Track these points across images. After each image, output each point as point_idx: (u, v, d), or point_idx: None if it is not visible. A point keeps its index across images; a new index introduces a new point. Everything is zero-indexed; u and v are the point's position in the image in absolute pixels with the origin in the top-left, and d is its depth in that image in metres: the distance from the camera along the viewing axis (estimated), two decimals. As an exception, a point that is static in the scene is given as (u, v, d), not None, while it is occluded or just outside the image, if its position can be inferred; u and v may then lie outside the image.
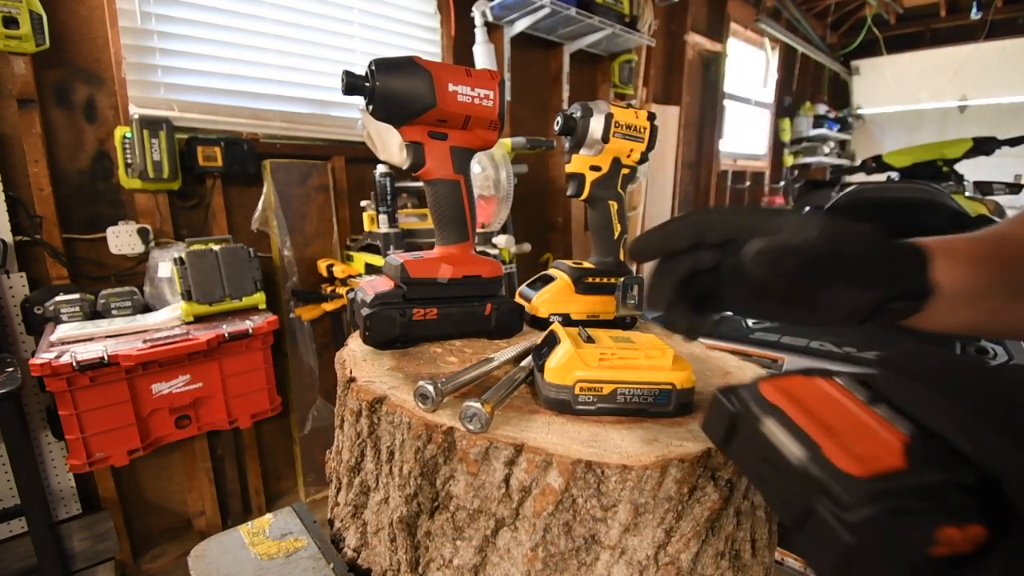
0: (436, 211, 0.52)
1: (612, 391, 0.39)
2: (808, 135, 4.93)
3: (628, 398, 0.40)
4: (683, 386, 0.40)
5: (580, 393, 0.39)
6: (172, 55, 1.61)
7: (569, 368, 0.39)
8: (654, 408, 0.40)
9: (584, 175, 0.58)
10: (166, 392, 1.37)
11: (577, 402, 0.39)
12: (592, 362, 0.40)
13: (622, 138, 0.57)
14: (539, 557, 0.34)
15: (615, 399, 0.40)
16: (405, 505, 0.37)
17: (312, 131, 1.91)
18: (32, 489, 1.22)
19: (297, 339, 1.93)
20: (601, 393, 0.39)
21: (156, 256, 1.54)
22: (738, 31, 3.99)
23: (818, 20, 5.07)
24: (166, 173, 1.52)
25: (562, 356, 0.40)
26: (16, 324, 1.41)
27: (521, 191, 1.82)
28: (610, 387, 0.39)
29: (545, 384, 0.40)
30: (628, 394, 0.40)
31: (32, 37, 1.29)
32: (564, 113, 0.57)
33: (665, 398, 0.40)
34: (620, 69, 2.84)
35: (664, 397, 0.40)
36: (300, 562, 0.43)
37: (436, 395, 0.37)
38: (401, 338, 0.50)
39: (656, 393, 0.40)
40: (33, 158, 1.39)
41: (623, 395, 0.40)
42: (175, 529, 1.75)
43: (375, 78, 0.45)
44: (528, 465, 0.34)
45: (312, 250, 1.93)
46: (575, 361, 0.40)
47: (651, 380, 0.40)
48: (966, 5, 4.67)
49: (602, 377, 0.39)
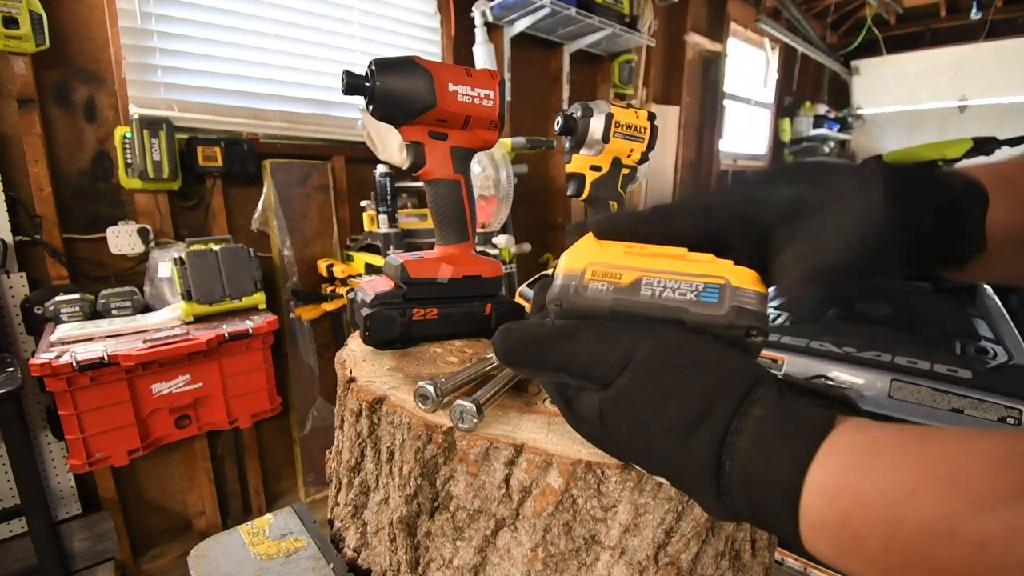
0: (436, 211, 0.52)
1: (635, 281, 0.28)
2: (808, 135, 4.93)
3: (657, 292, 0.28)
4: (743, 285, 0.27)
5: (591, 280, 0.29)
6: (172, 55, 1.61)
7: (582, 253, 0.30)
8: (697, 309, 0.27)
9: (584, 175, 0.58)
10: (166, 392, 1.37)
11: (585, 291, 0.29)
12: (613, 251, 0.30)
13: (622, 138, 0.57)
14: (539, 557, 0.34)
15: (638, 292, 0.28)
16: (405, 505, 0.37)
17: (312, 131, 1.91)
18: (32, 489, 1.22)
19: (297, 339, 1.93)
20: (619, 282, 0.28)
21: (156, 256, 1.54)
22: (738, 31, 3.99)
23: (818, 20, 5.07)
24: (166, 173, 1.52)
25: (577, 244, 0.31)
26: (16, 324, 1.41)
27: (521, 191, 1.82)
28: (632, 275, 0.28)
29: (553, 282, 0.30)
30: (657, 287, 0.28)
31: (32, 37, 1.29)
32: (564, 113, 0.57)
33: (715, 295, 0.27)
34: (620, 69, 2.85)
35: (712, 293, 0.27)
36: (300, 562, 0.43)
37: (436, 395, 0.37)
38: (401, 338, 0.50)
39: (700, 289, 0.27)
40: (33, 158, 1.39)
41: (650, 287, 0.28)
42: (175, 529, 1.75)
43: (375, 78, 0.45)
44: (528, 465, 0.34)
45: (312, 250, 1.94)
46: (591, 247, 0.30)
47: (692, 271, 0.28)
48: (966, 5, 4.67)
49: (624, 263, 0.29)
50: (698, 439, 0.23)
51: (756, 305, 0.27)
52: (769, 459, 0.22)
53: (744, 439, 0.22)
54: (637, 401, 0.25)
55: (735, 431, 0.22)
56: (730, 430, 0.23)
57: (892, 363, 1.00)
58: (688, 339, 0.26)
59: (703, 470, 0.23)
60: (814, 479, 0.20)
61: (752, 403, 0.23)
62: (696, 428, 0.23)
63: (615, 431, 0.26)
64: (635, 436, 0.26)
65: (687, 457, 0.24)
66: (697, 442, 0.23)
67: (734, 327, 0.26)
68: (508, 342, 0.29)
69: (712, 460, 0.23)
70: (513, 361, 0.30)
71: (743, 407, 0.23)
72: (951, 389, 0.91)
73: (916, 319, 1.22)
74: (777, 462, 0.21)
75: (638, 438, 0.25)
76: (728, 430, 0.23)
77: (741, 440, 0.22)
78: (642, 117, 0.58)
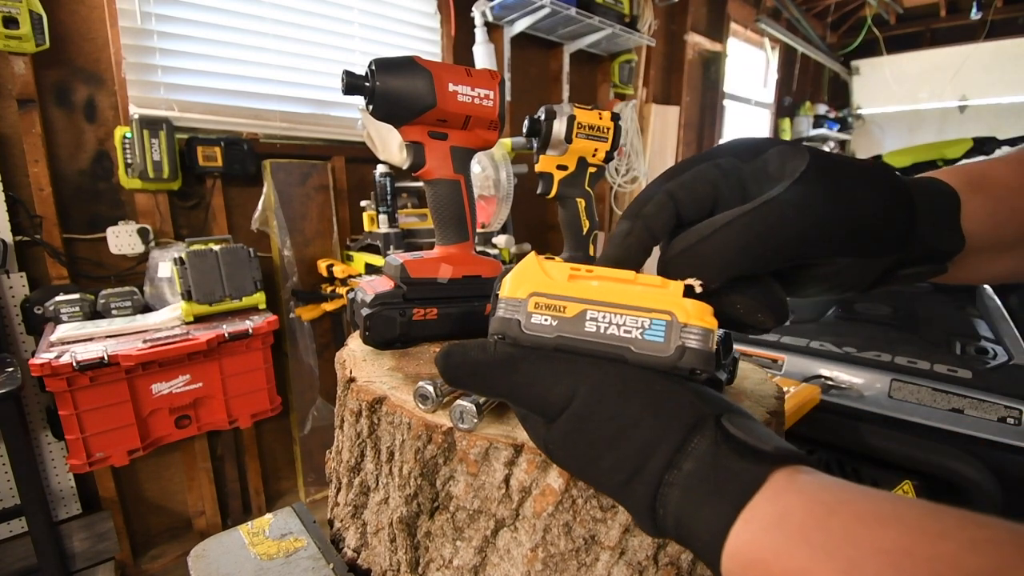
0: (436, 211, 0.52)
1: (580, 313, 0.27)
2: (808, 135, 4.93)
3: (601, 327, 0.27)
4: (690, 321, 0.26)
5: (534, 311, 0.27)
6: (172, 55, 1.61)
7: (525, 278, 0.28)
8: (641, 349, 0.26)
9: (552, 174, 0.61)
10: (166, 392, 1.37)
11: (529, 324, 0.27)
12: (558, 275, 0.28)
13: (585, 138, 0.59)
14: (539, 557, 0.34)
15: (582, 326, 0.27)
16: (405, 505, 0.37)
17: (312, 131, 1.91)
18: (32, 489, 1.22)
19: (297, 339, 1.93)
20: (563, 315, 0.27)
21: (156, 256, 1.54)
22: (738, 31, 3.99)
23: (818, 20, 5.07)
24: (166, 173, 1.52)
25: (521, 266, 0.29)
26: (16, 324, 1.41)
27: (521, 191, 1.82)
28: (577, 308, 0.27)
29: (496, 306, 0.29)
30: (602, 321, 0.27)
31: (32, 37, 1.29)
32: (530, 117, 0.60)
33: (660, 333, 0.26)
34: (620, 69, 2.84)
35: (658, 331, 0.26)
36: (300, 562, 0.43)
37: (436, 395, 0.37)
38: (401, 338, 0.50)
39: (646, 325, 0.26)
40: (33, 158, 1.39)
41: (595, 322, 0.27)
42: (175, 529, 1.75)
43: (375, 78, 0.45)
44: (528, 465, 0.34)
45: (312, 250, 1.94)
46: (534, 272, 0.28)
47: (640, 304, 0.27)
48: (966, 5, 4.67)
49: (568, 293, 0.28)
50: (634, 488, 0.24)
51: (702, 343, 0.26)
52: (695, 516, 0.22)
53: (675, 492, 0.23)
54: (577, 444, 0.26)
55: (667, 483, 0.23)
56: (663, 482, 0.23)
57: (892, 363, 1.00)
58: (630, 376, 0.26)
59: (641, 513, 0.24)
60: (731, 546, 0.21)
61: (686, 455, 0.23)
62: (632, 479, 0.24)
63: (560, 462, 0.28)
64: (580, 472, 0.27)
65: (626, 499, 0.25)
66: (633, 491, 0.24)
67: (678, 369, 0.26)
68: (448, 366, 0.29)
69: (647, 507, 0.24)
70: (453, 382, 0.30)
71: (676, 459, 0.23)
72: (951, 389, 0.91)
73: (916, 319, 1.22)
74: (702, 521, 0.22)
75: (582, 473, 0.27)
76: (661, 482, 0.23)
77: (672, 493, 0.23)
78: (605, 118, 0.60)
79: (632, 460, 0.24)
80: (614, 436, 0.25)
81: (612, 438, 0.25)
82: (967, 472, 0.83)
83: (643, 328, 0.26)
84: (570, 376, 0.26)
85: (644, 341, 0.26)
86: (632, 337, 0.27)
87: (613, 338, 0.27)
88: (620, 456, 0.24)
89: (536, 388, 0.27)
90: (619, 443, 0.25)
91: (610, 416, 0.25)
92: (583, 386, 0.26)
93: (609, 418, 0.25)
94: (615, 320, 0.27)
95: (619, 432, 0.25)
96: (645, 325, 0.26)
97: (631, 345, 0.26)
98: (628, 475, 0.24)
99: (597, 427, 0.25)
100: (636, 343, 0.26)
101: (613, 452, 0.25)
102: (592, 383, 0.26)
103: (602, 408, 0.25)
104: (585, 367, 0.27)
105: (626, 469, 0.24)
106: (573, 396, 0.26)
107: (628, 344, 0.27)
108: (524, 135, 0.60)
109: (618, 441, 0.25)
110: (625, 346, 0.27)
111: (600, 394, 0.26)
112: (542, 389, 0.27)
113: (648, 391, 0.25)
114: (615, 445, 0.25)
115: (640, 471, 0.24)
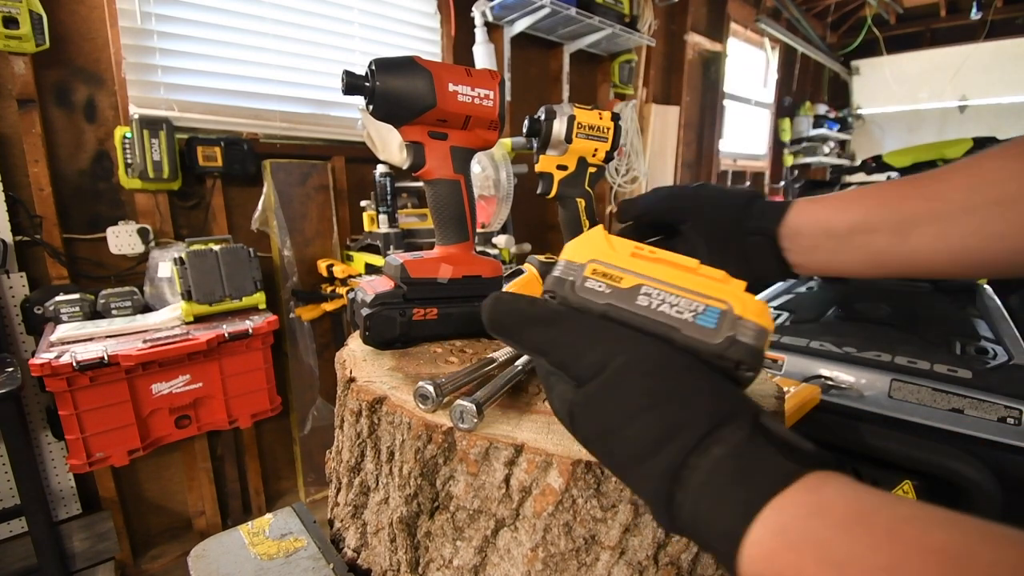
0: (436, 211, 0.52)
1: (635, 287, 0.28)
2: (808, 135, 4.93)
3: (654, 303, 0.27)
4: (747, 316, 0.26)
5: (591, 276, 0.29)
6: (172, 55, 1.61)
7: (589, 245, 0.30)
8: (690, 332, 0.26)
9: (552, 174, 0.61)
10: (166, 392, 1.37)
11: (582, 287, 0.29)
12: (621, 250, 0.29)
13: (585, 138, 0.59)
14: (539, 557, 0.34)
15: (634, 299, 0.27)
16: (405, 505, 0.37)
17: (312, 131, 1.91)
18: (32, 489, 1.22)
19: (297, 339, 1.93)
20: (618, 285, 0.28)
21: (156, 256, 1.54)
22: (738, 31, 3.99)
23: (818, 20, 5.07)
24: (166, 173, 1.52)
25: (586, 235, 0.31)
26: (16, 324, 1.41)
27: (521, 191, 1.82)
28: (633, 280, 0.28)
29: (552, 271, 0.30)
30: (656, 298, 0.27)
31: (32, 37, 1.29)
32: (530, 117, 0.60)
33: (713, 319, 0.26)
34: (620, 69, 2.84)
35: (711, 317, 0.26)
36: (300, 562, 0.43)
37: (436, 395, 0.37)
38: (401, 338, 0.50)
39: (699, 310, 0.26)
40: (33, 158, 1.39)
41: (648, 297, 0.27)
42: (175, 529, 1.75)
43: (375, 78, 0.45)
44: (528, 465, 0.34)
45: (312, 250, 1.94)
46: (599, 241, 0.30)
47: (697, 290, 0.27)
48: (966, 5, 4.67)
49: (627, 267, 0.28)
50: (653, 465, 0.23)
51: (754, 339, 0.25)
52: (717, 501, 0.21)
53: (697, 475, 0.22)
54: (604, 411, 0.26)
55: (690, 466, 0.22)
56: (686, 464, 0.22)
57: (892, 363, 1.00)
58: (671, 358, 0.26)
59: (656, 494, 0.23)
60: (756, 534, 0.20)
61: (716, 440, 0.22)
62: (654, 455, 0.23)
63: (581, 429, 0.27)
64: (598, 441, 0.26)
65: (643, 478, 0.24)
66: (652, 468, 0.23)
67: (724, 359, 0.26)
68: (494, 311, 0.30)
69: (664, 488, 0.23)
70: (495, 329, 0.30)
71: (704, 443, 0.22)
72: (951, 389, 0.91)
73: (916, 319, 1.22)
74: (725, 507, 0.21)
75: (601, 443, 0.26)
76: (683, 464, 0.22)
77: (694, 476, 0.22)
78: (605, 118, 0.60)
79: (656, 435, 0.23)
80: (643, 408, 0.24)
81: (641, 410, 0.24)
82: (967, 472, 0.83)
83: (696, 312, 0.26)
84: (611, 342, 0.27)
85: (695, 324, 0.26)
86: (683, 319, 0.26)
87: (663, 315, 0.27)
88: (645, 428, 0.24)
89: (574, 347, 0.27)
90: (647, 416, 0.24)
91: (645, 389, 0.25)
92: (622, 355, 0.26)
93: (643, 391, 0.25)
94: (668, 299, 0.27)
95: (650, 405, 0.24)
96: (698, 309, 0.26)
97: (680, 326, 0.26)
98: (649, 450, 0.23)
99: (628, 396, 0.25)
100: (686, 325, 0.26)
101: (638, 424, 0.24)
102: (632, 353, 0.26)
103: (638, 380, 0.25)
104: (627, 337, 0.27)
105: (647, 443, 0.24)
106: (609, 362, 0.26)
107: (677, 325, 0.26)
108: (524, 135, 0.60)
109: (646, 414, 0.24)
110: (674, 326, 0.26)
111: (639, 365, 0.25)
112: (580, 349, 0.27)
113: (689, 373, 0.25)
114: (642, 417, 0.24)
115: (663, 447, 0.23)
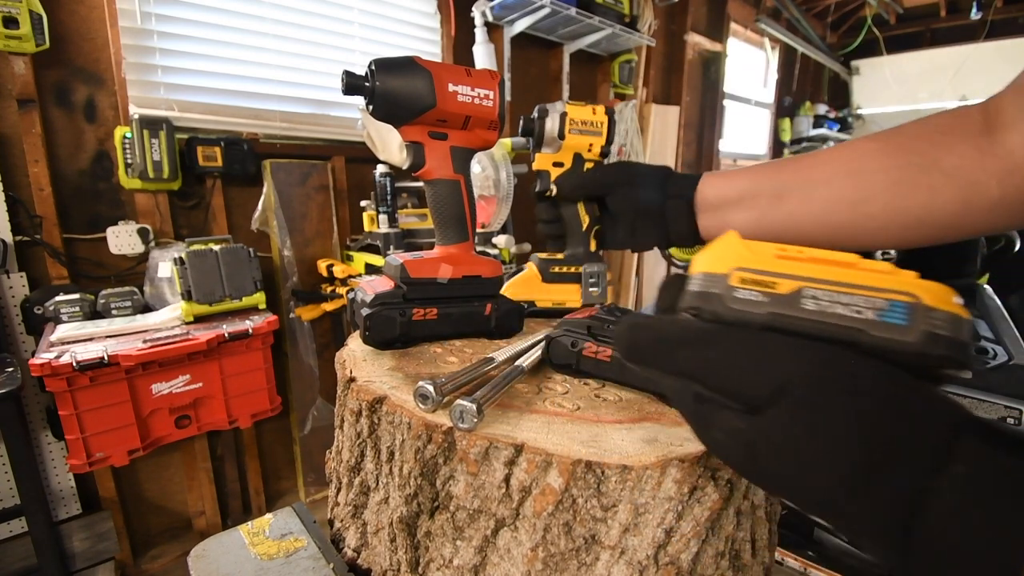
0: (436, 211, 0.52)
1: (796, 290, 0.24)
2: (808, 135, 4.93)
3: (825, 306, 0.23)
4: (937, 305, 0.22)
5: (739, 286, 0.25)
6: (172, 55, 1.61)
7: (726, 253, 0.26)
8: (879, 332, 0.22)
9: (548, 172, 0.61)
10: (166, 392, 1.37)
11: (733, 298, 0.24)
12: (763, 253, 0.25)
13: (579, 133, 0.60)
14: (539, 557, 0.34)
15: (799, 304, 0.23)
16: (405, 505, 0.37)
17: (312, 131, 1.91)
18: (32, 489, 1.22)
19: (297, 339, 1.93)
20: (774, 290, 0.24)
21: (156, 256, 1.54)
22: (738, 31, 3.99)
23: (818, 20, 5.07)
24: (166, 173, 1.52)
25: (719, 242, 0.27)
26: (16, 324, 1.41)
27: (521, 191, 1.82)
28: (792, 284, 0.24)
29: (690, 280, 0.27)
30: (824, 300, 0.23)
31: (32, 37, 1.29)
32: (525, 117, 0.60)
33: (902, 315, 0.22)
34: (620, 69, 2.84)
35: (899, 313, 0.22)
36: (300, 562, 0.43)
37: (436, 395, 0.37)
38: (401, 338, 0.50)
39: (882, 306, 0.22)
40: (33, 158, 1.39)
41: (815, 300, 0.23)
42: (175, 529, 1.75)
43: (375, 78, 0.45)
44: (528, 465, 0.34)
45: (312, 250, 1.94)
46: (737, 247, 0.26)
47: (869, 283, 0.23)
48: (966, 5, 4.67)
49: (777, 269, 0.24)
50: (879, 494, 0.19)
51: (953, 331, 0.21)
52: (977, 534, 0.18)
53: (941, 503, 0.18)
54: (799, 440, 0.21)
55: (929, 491, 0.18)
56: (922, 489, 0.19)
57: (892, 363, 1.00)
58: (860, 366, 0.21)
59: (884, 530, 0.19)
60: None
61: (954, 457, 0.19)
62: (877, 483, 0.19)
63: (763, 463, 0.23)
64: (791, 475, 0.22)
65: (863, 512, 0.20)
66: (876, 499, 0.19)
67: (926, 357, 0.22)
68: (634, 338, 0.26)
69: (897, 520, 0.19)
70: (636, 359, 0.27)
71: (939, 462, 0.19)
72: (951, 389, 0.91)
73: (916, 319, 1.21)
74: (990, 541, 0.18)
75: (795, 479, 0.22)
76: (920, 489, 0.19)
77: (938, 504, 0.18)
78: (599, 112, 0.60)
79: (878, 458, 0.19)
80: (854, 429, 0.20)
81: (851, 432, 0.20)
82: (967, 472, 0.83)
83: (879, 309, 0.22)
84: (788, 357, 0.22)
85: (883, 323, 0.22)
86: (865, 318, 0.22)
87: (840, 318, 0.23)
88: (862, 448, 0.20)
89: (739, 367, 0.23)
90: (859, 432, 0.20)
91: (850, 406, 0.20)
92: (803, 369, 0.22)
93: (848, 408, 0.20)
94: (840, 299, 0.23)
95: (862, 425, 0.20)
96: (881, 306, 0.22)
97: (866, 327, 0.22)
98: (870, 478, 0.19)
99: (832, 417, 0.20)
100: (872, 325, 0.22)
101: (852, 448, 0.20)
102: (815, 368, 0.22)
103: (834, 395, 0.21)
104: (805, 349, 0.22)
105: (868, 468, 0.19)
106: (792, 380, 0.22)
107: (862, 326, 0.22)
108: (520, 135, 0.61)
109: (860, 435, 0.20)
110: (858, 327, 0.22)
111: (829, 381, 0.21)
112: (747, 369, 0.23)
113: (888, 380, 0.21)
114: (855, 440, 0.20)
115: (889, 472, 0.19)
